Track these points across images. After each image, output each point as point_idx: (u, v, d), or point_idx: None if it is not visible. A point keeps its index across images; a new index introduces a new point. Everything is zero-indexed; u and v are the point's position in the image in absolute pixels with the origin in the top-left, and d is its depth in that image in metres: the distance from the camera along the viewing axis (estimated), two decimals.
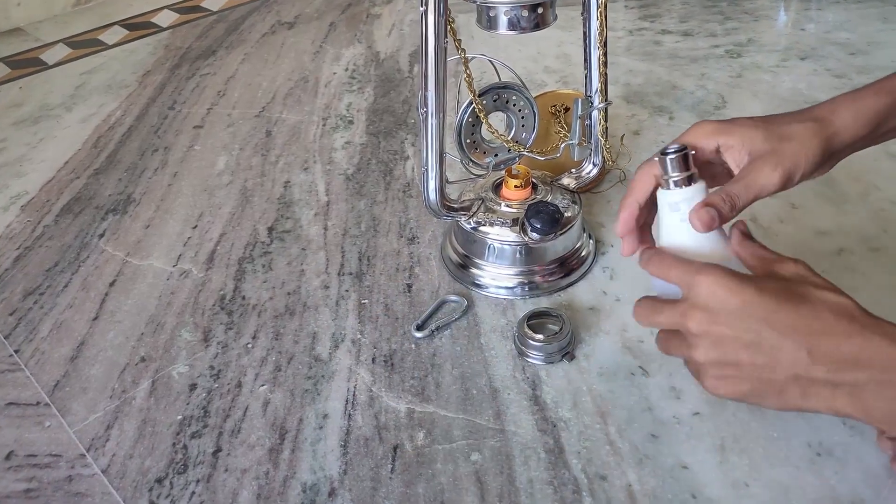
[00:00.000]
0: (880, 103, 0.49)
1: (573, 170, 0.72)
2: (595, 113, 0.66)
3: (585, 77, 0.65)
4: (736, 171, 0.50)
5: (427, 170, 0.63)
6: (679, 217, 0.49)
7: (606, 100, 0.65)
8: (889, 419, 0.41)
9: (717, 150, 0.51)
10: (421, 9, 0.56)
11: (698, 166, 0.50)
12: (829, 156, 0.50)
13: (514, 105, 0.65)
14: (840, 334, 0.41)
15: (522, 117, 0.66)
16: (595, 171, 0.71)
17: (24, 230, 0.80)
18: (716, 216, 0.47)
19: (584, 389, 0.57)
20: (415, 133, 0.92)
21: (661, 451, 0.53)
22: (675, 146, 0.49)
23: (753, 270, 0.47)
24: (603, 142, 0.67)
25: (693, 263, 0.45)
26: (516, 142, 0.66)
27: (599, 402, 0.56)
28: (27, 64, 1.20)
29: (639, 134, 0.89)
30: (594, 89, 0.65)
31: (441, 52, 0.57)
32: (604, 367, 0.59)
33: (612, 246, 0.72)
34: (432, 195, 0.64)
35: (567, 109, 0.76)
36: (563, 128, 0.75)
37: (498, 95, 0.64)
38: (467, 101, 0.62)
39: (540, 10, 0.56)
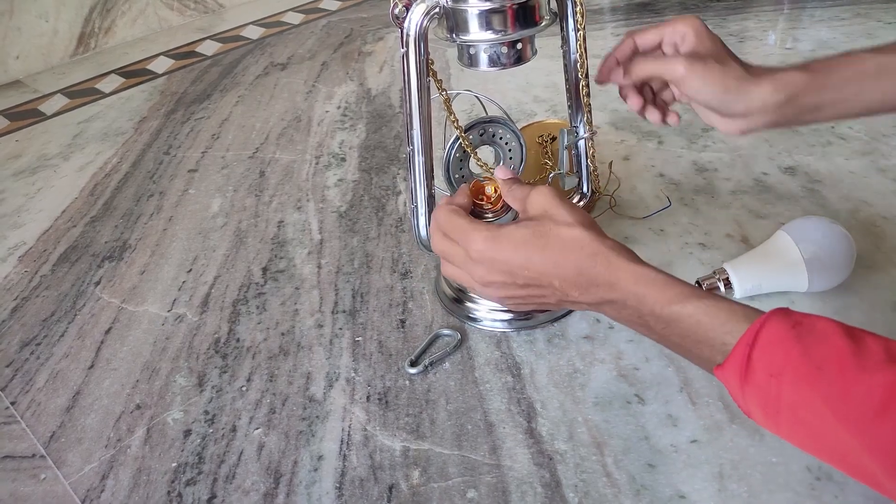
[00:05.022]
0: (801, 78, 0.54)
1: None
2: (581, 142, 0.67)
3: (569, 108, 0.66)
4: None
5: (416, 206, 0.63)
6: None
7: (591, 129, 0.65)
8: (620, 322, 0.51)
9: (674, 46, 0.59)
10: (402, 50, 0.56)
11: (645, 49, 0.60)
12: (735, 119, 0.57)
13: (501, 139, 0.66)
14: (580, 269, 0.49)
15: (510, 150, 0.67)
16: (584, 201, 0.71)
17: (21, 281, 0.81)
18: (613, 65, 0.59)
19: (580, 420, 0.57)
20: (406, 168, 0.93)
21: (658, 480, 0.52)
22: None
23: (520, 209, 0.55)
24: (591, 171, 0.67)
25: (466, 224, 0.53)
26: None
27: (595, 432, 0.56)
28: (26, 115, 1.22)
29: (628, 159, 0.90)
30: (579, 119, 0.66)
31: (424, 91, 0.58)
32: (599, 396, 0.59)
33: None
34: (423, 231, 0.64)
35: (554, 139, 0.77)
36: (549, 159, 0.76)
37: (484, 130, 0.65)
38: (454, 136, 0.63)
39: (519, 46, 0.56)
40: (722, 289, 0.65)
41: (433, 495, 0.52)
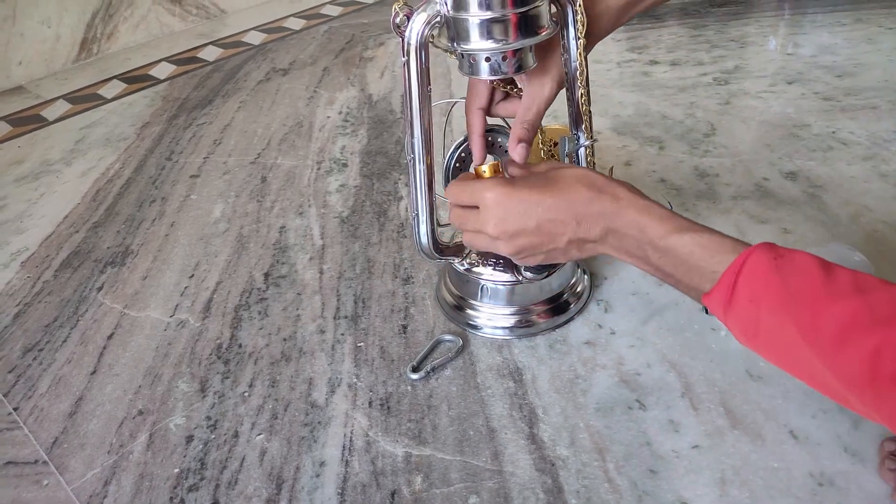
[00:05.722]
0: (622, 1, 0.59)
1: None
2: (582, 150, 0.67)
3: (569, 115, 0.66)
4: (520, 81, 0.62)
5: (418, 214, 0.63)
6: None
7: (591, 137, 0.65)
8: (620, 255, 0.53)
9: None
10: (402, 59, 0.57)
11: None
12: (588, 46, 0.60)
13: (501, 146, 0.66)
14: (588, 199, 0.52)
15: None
16: None
17: (23, 286, 0.81)
18: (527, 146, 0.60)
19: (582, 426, 0.57)
20: (407, 174, 0.93)
21: (660, 486, 0.52)
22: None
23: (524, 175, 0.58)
24: None
25: (476, 182, 0.55)
26: None
27: (597, 438, 0.56)
28: (28, 121, 1.22)
29: (630, 164, 0.90)
30: (580, 127, 0.66)
31: (425, 99, 0.58)
32: (601, 401, 0.59)
33: (605, 278, 0.72)
34: (424, 239, 0.64)
35: (556, 145, 0.77)
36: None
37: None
38: (454, 145, 0.63)
39: (520, 54, 0.56)
40: None
41: (435, 501, 0.53)
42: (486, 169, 0.61)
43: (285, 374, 0.65)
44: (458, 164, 0.64)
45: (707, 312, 0.49)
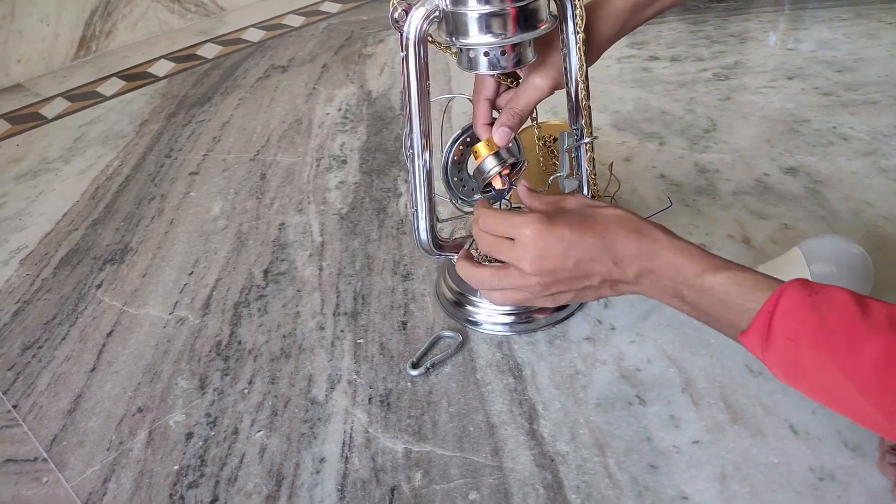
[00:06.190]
0: (629, 3, 0.60)
1: None
2: (582, 147, 0.66)
3: (569, 111, 0.66)
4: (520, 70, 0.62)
5: (417, 210, 0.63)
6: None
7: (591, 133, 0.65)
8: (655, 295, 0.53)
9: None
10: (401, 54, 0.57)
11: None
12: (591, 54, 0.61)
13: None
14: (626, 240, 0.52)
15: (510, 153, 0.66)
16: None
17: (22, 284, 0.81)
18: (509, 132, 0.60)
19: (582, 421, 0.57)
20: (406, 170, 0.93)
21: (660, 481, 0.52)
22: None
23: (551, 209, 0.58)
24: (590, 175, 0.67)
25: (514, 216, 0.55)
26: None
27: (597, 433, 0.56)
28: (27, 119, 1.22)
29: (630, 160, 0.90)
30: (579, 122, 0.66)
31: (424, 95, 0.58)
32: (601, 397, 0.59)
33: None
34: (423, 235, 0.64)
35: (555, 140, 0.77)
36: (552, 159, 0.76)
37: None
38: (451, 139, 0.63)
39: (518, 49, 0.56)
40: None
41: (435, 497, 0.52)
42: (481, 147, 0.61)
43: (285, 370, 0.65)
44: (455, 158, 0.64)
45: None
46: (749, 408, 0.56)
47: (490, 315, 0.67)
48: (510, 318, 0.66)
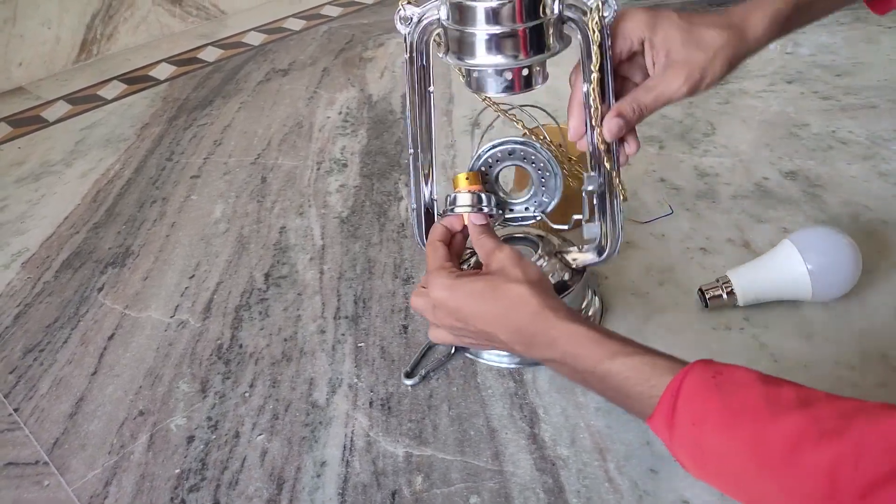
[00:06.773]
0: (788, 6, 0.55)
1: (583, 245, 0.65)
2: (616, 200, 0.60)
3: (588, 154, 0.58)
4: (651, 69, 0.55)
5: (417, 207, 0.63)
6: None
7: (624, 192, 0.59)
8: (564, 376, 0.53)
9: (642, 43, 0.55)
10: (405, 55, 0.57)
11: (623, 59, 0.55)
12: (737, 63, 0.55)
13: (527, 158, 0.61)
14: (519, 323, 0.51)
15: (543, 179, 0.62)
16: (602, 260, 0.63)
17: (24, 287, 0.81)
18: (623, 125, 0.54)
19: (582, 426, 0.57)
20: (408, 173, 0.93)
21: (661, 486, 0.52)
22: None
23: (483, 260, 0.57)
24: (617, 227, 0.61)
25: (430, 274, 0.55)
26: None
27: (598, 437, 0.56)
28: (28, 122, 1.22)
29: (629, 164, 0.90)
30: (600, 166, 0.58)
31: (426, 94, 0.58)
32: (601, 401, 0.59)
33: (606, 278, 0.72)
34: (423, 234, 0.64)
35: (559, 146, 0.76)
36: (578, 168, 0.69)
37: (514, 149, 0.61)
38: (483, 147, 0.61)
39: (525, 73, 0.55)
40: (725, 297, 0.65)
41: (436, 501, 0.53)
42: (461, 179, 0.60)
43: (286, 374, 0.65)
44: (482, 169, 0.62)
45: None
46: None
47: None
48: None
